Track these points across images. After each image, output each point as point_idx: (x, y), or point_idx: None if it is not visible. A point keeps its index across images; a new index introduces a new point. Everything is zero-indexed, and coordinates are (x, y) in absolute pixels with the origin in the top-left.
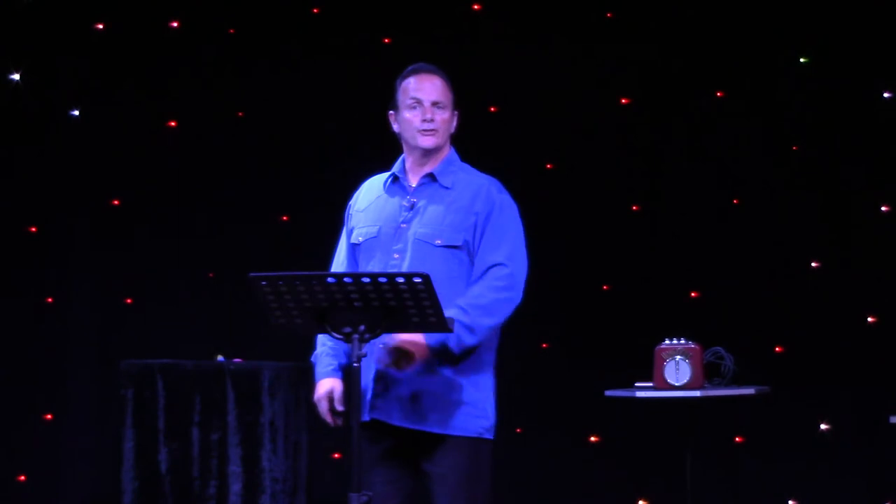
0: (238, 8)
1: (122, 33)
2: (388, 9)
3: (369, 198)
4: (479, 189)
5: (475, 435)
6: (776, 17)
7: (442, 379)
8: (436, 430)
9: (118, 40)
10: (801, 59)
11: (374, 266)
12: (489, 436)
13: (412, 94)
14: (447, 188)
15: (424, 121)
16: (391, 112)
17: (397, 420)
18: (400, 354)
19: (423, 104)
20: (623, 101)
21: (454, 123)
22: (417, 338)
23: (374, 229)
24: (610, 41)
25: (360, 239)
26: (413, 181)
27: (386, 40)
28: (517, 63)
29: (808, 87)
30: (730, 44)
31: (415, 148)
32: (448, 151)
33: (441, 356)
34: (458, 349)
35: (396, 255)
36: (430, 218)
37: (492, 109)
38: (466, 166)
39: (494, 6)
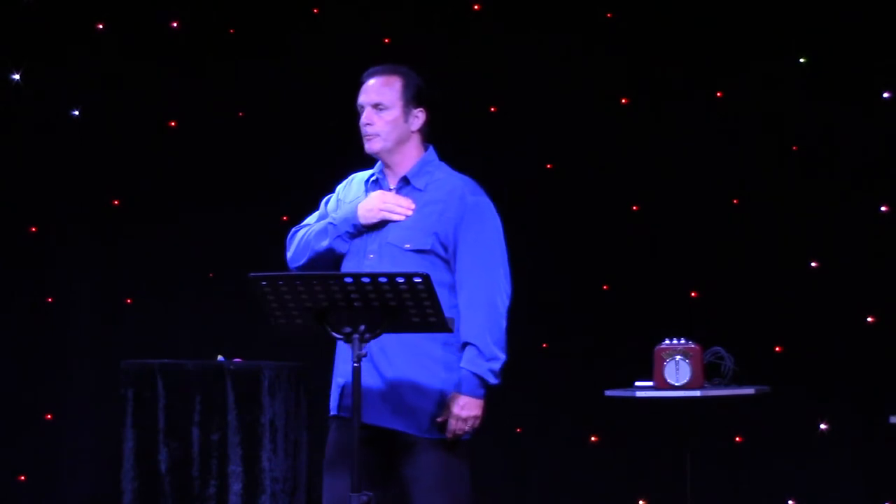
0: (238, 8)
1: (122, 33)
2: (388, 9)
3: (356, 193)
4: (452, 192)
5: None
6: (776, 17)
7: (423, 381)
8: (420, 434)
9: (118, 40)
10: (801, 59)
11: (349, 265)
12: (467, 436)
13: (358, 99)
14: (420, 190)
15: (365, 125)
16: None
17: (380, 421)
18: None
19: (364, 108)
20: (623, 101)
21: (417, 121)
22: (472, 404)
23: None
24: (610, 41)
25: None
26: (392, 183)
27: (386, 40)
28: (517, 63)
29: (808, 87)
30: (730, 44)
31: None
32: (422, 152)
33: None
34: (495, 379)
35: (371, 256)
36: (401, 222)
37: (492, 109)
38: (443, 166)
39: (494, 6)
